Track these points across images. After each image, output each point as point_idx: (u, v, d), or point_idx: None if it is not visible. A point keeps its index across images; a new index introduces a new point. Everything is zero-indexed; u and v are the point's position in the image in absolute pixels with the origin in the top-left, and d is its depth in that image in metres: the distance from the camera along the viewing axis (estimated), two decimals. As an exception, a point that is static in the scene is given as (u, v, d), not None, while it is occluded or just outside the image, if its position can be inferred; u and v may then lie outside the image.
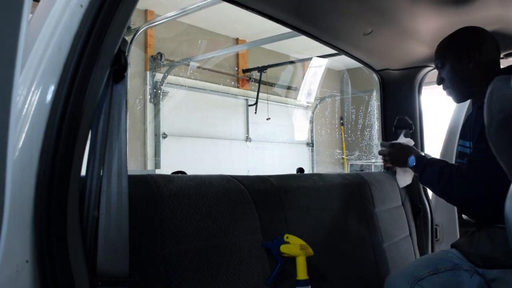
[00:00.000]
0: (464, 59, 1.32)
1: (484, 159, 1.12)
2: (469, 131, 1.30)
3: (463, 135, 1.40)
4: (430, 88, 2.07)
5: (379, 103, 2.16)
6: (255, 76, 5.35)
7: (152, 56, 4.42)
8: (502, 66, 1.38)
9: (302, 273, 1.13)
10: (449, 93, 1.43)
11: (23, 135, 0.60)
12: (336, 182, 1.58)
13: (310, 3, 1.37)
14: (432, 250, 1.98)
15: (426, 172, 1.36)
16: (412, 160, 1.47)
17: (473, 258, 1.25)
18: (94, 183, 0.73)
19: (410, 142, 1.77)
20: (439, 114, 2.95)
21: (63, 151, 0.63)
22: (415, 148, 1.65)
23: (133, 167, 4.17)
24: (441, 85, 1.43)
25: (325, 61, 5.35)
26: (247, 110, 5.39)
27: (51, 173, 0.62)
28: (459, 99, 1.43)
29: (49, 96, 0.62)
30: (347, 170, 6.40)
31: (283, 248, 1.13)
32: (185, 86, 4.63)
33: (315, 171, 5.76)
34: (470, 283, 1.22)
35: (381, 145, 1.76)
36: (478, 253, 1.24)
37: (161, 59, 4.37)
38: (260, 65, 5.20)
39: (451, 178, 1.23)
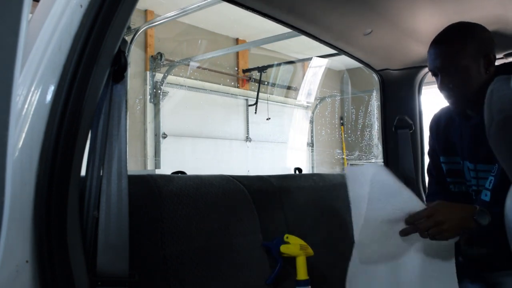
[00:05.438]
0: (482, 60, 1.12)
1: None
2: (466, 148, 1.20)
3: (448, 151, 1.28)
4: (430, 88, 2.07)
5: (379, 103, 2.16)
6: (255, 76, 5.35)
7: (152, 56, 4.42)
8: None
9: (302, 273, 1.13)
10: (456, 103, 1.15)
11: (23, 135, 0.60)
12: (336, 182, 1.58)
13: (310, 3, 1.37)
14: (432, 250, 1.97)
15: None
16: (483, 217, 0.99)
17: (474, 262, 1.22)
18: (94, 183, 0.73)
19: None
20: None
21: (63, 151, 0.63)
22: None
23: (133, 167, 4.17)
24: (445, 93, 1.16)
25: (325, 61, 5.35)
26: (247, 110, 5.38)
27: (51, 173, 0.62)
28: (467, 108, 1.16)
29: (49, 96, 0.62)
30: (347, 170, 6.38)
31: (283, 248, 1.12)
32: (185, 86, 4.62)
33: (315, 171, 5.76)
34: None
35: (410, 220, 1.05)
36: (480, 258, 1.20)
37: (161, 59, 4.37)
38: (260, 65, 5.20)
39: None
